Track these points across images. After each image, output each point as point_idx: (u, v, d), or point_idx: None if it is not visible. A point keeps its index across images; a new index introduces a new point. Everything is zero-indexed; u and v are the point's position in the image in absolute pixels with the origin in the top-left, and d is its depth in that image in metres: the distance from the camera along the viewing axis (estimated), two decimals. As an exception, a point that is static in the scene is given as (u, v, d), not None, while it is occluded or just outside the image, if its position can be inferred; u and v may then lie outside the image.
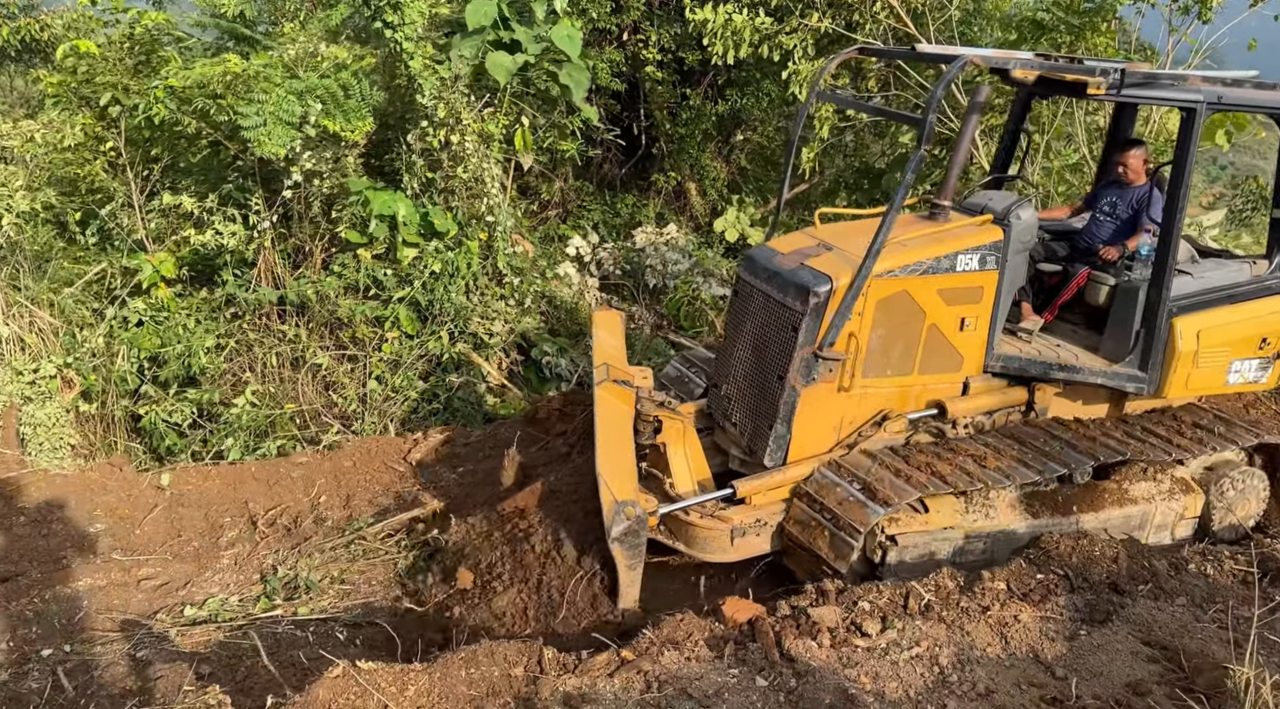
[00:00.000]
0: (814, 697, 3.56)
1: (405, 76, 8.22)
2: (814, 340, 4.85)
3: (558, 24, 8.97)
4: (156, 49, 8.59)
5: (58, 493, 5.49)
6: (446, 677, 3.46)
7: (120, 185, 8.81)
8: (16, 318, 7.19)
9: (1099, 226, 6.05)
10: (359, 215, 8.39)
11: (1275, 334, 5.69)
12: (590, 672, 3.62)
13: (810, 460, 5.06)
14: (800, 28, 9.79)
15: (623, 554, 4.39)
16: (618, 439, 4.81)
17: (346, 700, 3.28)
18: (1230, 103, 5.34)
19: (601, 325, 6.20)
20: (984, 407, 5.42)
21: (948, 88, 4.63)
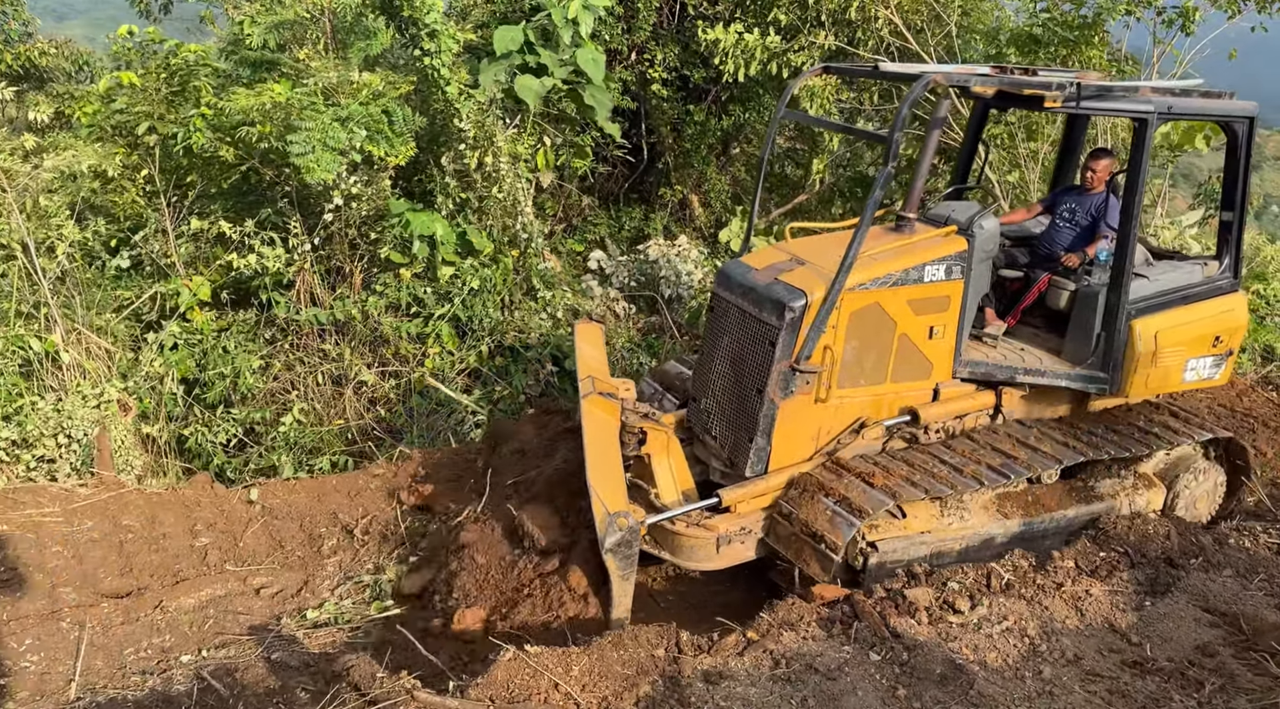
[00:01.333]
0: (925, 667, 3.93)
1: (442, 101, 8.51)
2: (791, 354, 4.94)
3: (581, 48, 9.32)
4: (191, 79, 8.81)
5: (157, 510, 5.71)
6: (603, 658, 3.78)
7: (153, 212, 9.02)
8: (75, 344, 7.37)
9: (1059, 232, 6.23)
10: (399, 236, 8.67)
11: (1227, 332, 5.95)
12: (722, 651, 3.96)
13: (791, 469, 5.16)
14: (808, 45, 10.22)
15: (616, 564, 4.43)
16: (606, 451, 4.87)
17: (521, 680, 3.60)
18: (1179, 112, 5.61)
19: (584, 338, 6.25)
20: (954, 411, 5.57)
21: (913, 106, 4.76)
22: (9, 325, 7.16)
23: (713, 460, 5.49)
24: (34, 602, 4.91)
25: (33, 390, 6.92)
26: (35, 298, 7.41)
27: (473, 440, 7.83)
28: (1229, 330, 5.95)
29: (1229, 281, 6.06)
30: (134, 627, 4.86)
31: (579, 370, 5.67)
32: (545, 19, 9.23)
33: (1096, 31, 9.67)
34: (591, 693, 3.65)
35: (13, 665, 4.51)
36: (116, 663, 4.65)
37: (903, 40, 10.34)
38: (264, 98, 7.99)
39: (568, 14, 9.06)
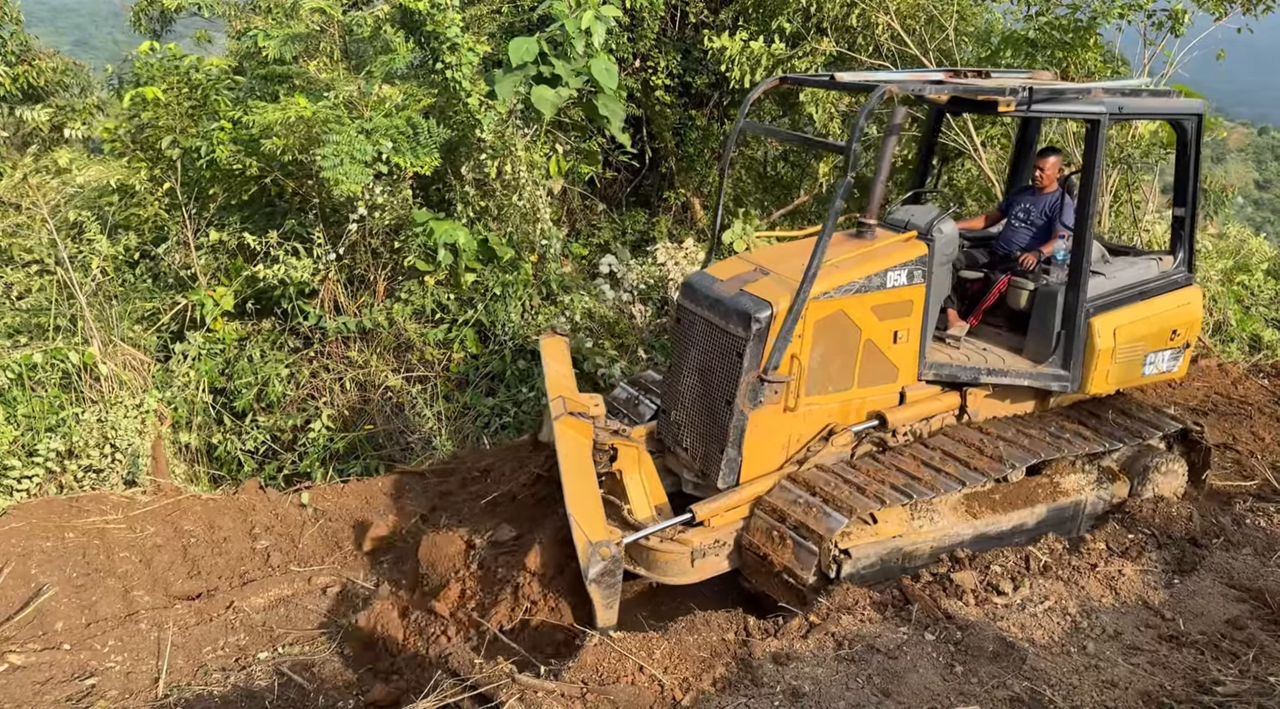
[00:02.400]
0: (978, 645, 4.18)
1: (463, 112, 8.70)
2: (759, 365, 4.96)
3: (594, 58, 9.53)
4: (211, 93, 8.96)
5: (215, 516, 5.88)
6: (680, 641, 4.01)
7: (174, 224, 9.17)
8: (112, 356, 7.51)
9: (1015, 232, 6.31)
10: (423, 244, 8.86)
11: (1184, 325, 6.07)
12: (787, 635, 4.20)
13: (763, 479, 5.19)
14: (811, 52, 10.49)
15: (600, 593, 4.41)
16: (582, 475, 4.84)
17: (608, 664, 3.82)
18: (1130, 112, 5.74)
19: (549, 353, 6.10)
20: (921, 414, 5.65)
21: (869, 117, 4.84)
22: (48, 339, 7.31)
23: (685, 472, 5.50)
24: (111, 605, 5.07)
25: (73, 402, 7.06)
26: (71, 311, 7.55)
27: (498, 442, 8.05)
28: (1186, 324, 6.07)
29: (1184, 276, 6.18)
30: (209, 626, 5.04)
31: (549, 389, 5.53)
32: (558, 30, 9.44)
33: (1091, 34, 9.99)
34: (673, 674, 3.88)
35: (99, 666, 4.68)
36: (196, 661, 4.83)
37: (902, 45, 10.63)
38: (289, 112, 8.16)
39: (581, 24, 9.28)
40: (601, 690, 3.71)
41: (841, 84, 5.47)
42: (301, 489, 6.45)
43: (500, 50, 9.71)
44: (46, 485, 6.25)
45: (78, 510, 5.70)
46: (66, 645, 4.81)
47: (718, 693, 3.81)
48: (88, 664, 4.68)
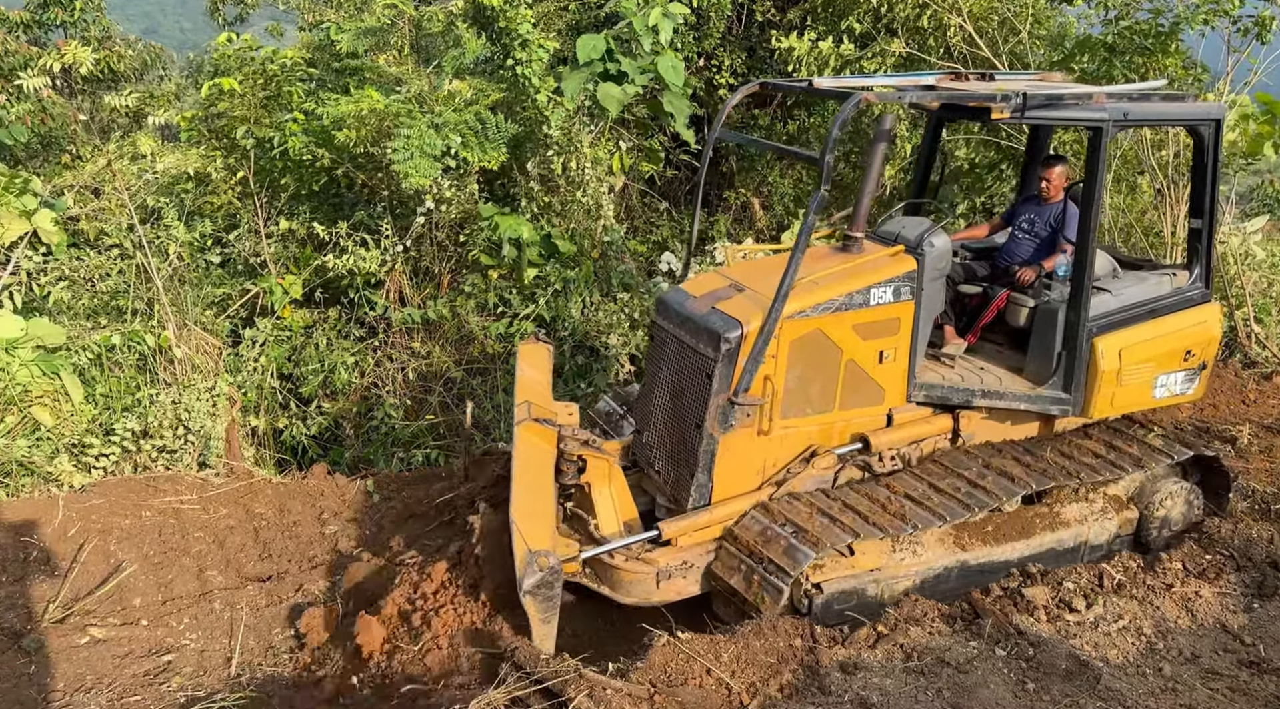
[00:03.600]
0: (1051, 662, 4.12)
1: (531, 108, 8.76)
2: (729, 387, 4.73)
3: (661, 55, 9.54)
4: (285, 84, 9.13)
5: (285, 499, 6.01)
6: (748, 646, 4.01)
7: (246, 212, 9.36)
8: (186, 339, 7.69)
9: (1017, 244, 5.98)
10: (487, 238, 8.94)
11: (1199, 345, 5.66)
12: (855, 644, 4.18)
13: (737, 500, 4.97)
14: (881, 53, 10.38)
15: (535, 606, 4.13)
16: (535, 483, 4.62)
17: (676, 665, 3.84)
18: (1137, 118, 5.29)
19: (526, 359, 5.86)
20: (909, 437, 5.33)
21: (844, 126, 4.56)
22: (126, 322, 7.51)
23: (658, 495, 5.29)
24: (186, 584, 5.21)
25: (149, 384, 7.25)
26: (148, 295, 7.75)
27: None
28: (1201, 344, 5.67)
29: (1200, 292, 5.77)
30: (279, 608, 5.15)
31: (516, 395, 5.28)
32: (625, 27, 9.46)
33: (1173, 40, 9.76)
34: (740, 678, 3.88)
35: (175, 643, 4.81)
36: (266, 642, 4.95)
37: (974, 47, 10.47)
38: (361, 105, 8.28)
39: (648, 22, 9.29)
40: (669, 692, 3.72)
41: (819, 90, 5.19)
42: (367, 476, 6.55)
43: (568, 47, 9.76)
44: (123, 464, 6.43)
45: (154, 490, 5.85)
46: (144, 621, 4.95)
47: (785, 699, 3.80)
48: (164, 641, 4.81)
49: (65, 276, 7.36)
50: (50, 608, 5.02)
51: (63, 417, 6.46)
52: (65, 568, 5.26)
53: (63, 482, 6.05)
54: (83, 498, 5.68)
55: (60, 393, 6.52)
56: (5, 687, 4.52)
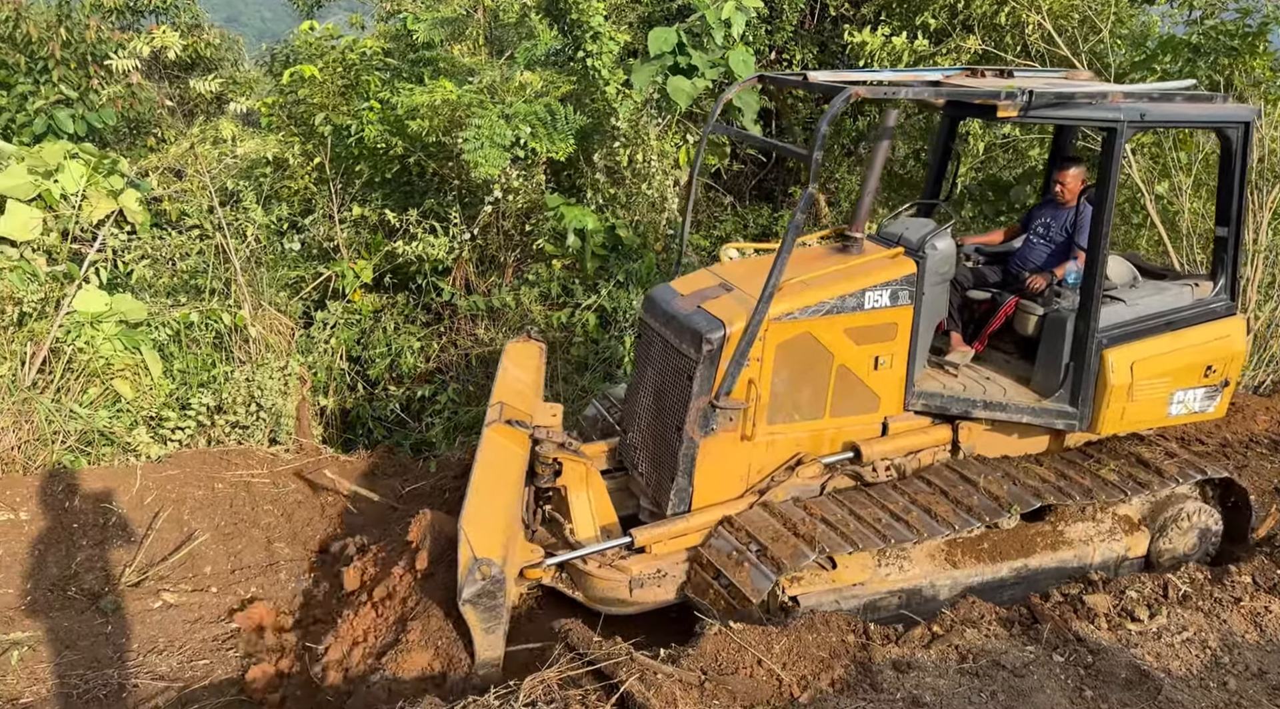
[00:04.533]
0: (1110, 671, 4.05)
1: (601, 100, 8.82)
2: (710, 389, 4.61)
3: (732, 49, 9.52)
4: (363, 73, 9.33)
5: (350, 477, 6.18)
6: (800, 639, 4.02)
7: (321, 197, 9.60)
8: (261, 319, 7.92)
9: (1032, 250, 5.78)
10: (553, 228, 9.04)
11: (1221, 360, 5.36)
12: (909, 643, 4.15)
13: (717, 507, 4.86)
14: (956, 49, 10.23)
15: (476, 616, 3.92)
16: (494, 487, 4.37)
17: (727, 654, 3.87)
18: (1155, 119, 5.02)
19: (512, 358, 5.69)
20: (904, 448, 5.18)
21: (833, 122, 4.27)
22: (204, 300, 7.77)
23: (642, 497, 5.19)
24: (254, 554, 5.40)
25: (224, 361, 7.49)
26: (226, 275, 8.00)
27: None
28: (1223, 359, 5.37)
29: (1224, 305, 5.50)
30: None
31: (492, 395, 5.11)
32: (697, 20, 9.46)
33: (1261, 41, 9.44)
34: (792, 671, 3.89)
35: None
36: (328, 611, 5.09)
37: (1052, 46, 10.25)
38: (435, 95, 8.43)
39: (721, 15, 9.28)
40: (720, 679, 3.75)
41: (814, 84, 4.99)
42: (429, 458, 6.69)
43: (639, 40, 9.80)
44: (198, 437, 6.66)
45: (227, 463, 6.06)
46: (214, 589, 5.14)
47: (836, 694, 3.80)
48: (232, 608, 4.99)
49: (148, 255, 7.63)
50: (127, 572, 5.24)
51: (142, 390, 6.72)
52: (141, 534, 5.48)
53: (140, 452, 6.30)
54: (159, 468, 5.91)
55: (140, 367, 6.78)
56: (84, 645, 4.73)
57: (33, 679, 4.48)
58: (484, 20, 10.46)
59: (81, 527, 5.45)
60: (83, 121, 9.29)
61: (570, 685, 3.75)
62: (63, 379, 6.48)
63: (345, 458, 6.54)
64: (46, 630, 4.80)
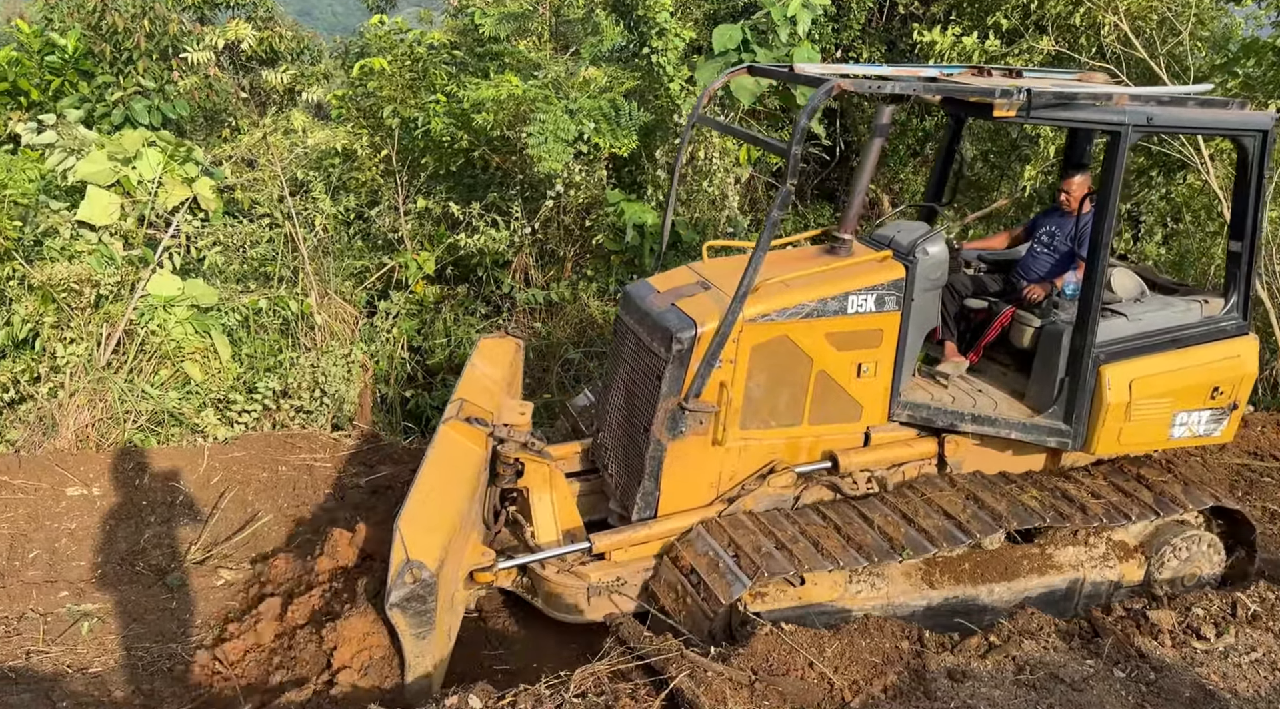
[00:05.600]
0: (1173, 689, 3.94)
1: (664, 97, 8.83)
2: (679, 391, 4.42)
3: (797, 47, 9.45)
4: (430, 67, 9.45)
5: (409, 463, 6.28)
6: (853, 644, 3.98)
7: (387, 189, 9.75)
8: (326, 307, 8.09)
9: (1034, 259, 5.56)
10: (612, 224, 9.07)
11: (1229, 382, 5.06)
12: (964, 652, 4.09)
13: (682, 515, 4.68)
14: (1029, 49, 10.02)
15: (404, 621, 3.72)
16: (440, 486, 4.15)
17: (779, 656, 3.85)
18: (1165, 124, 4.78)
19: (483, 354, 5.46)
20: (885, 460, 4.95)
21: (812, 115, 4.02)
22: (272, 287, 7.95)
23: (611, 501, 5.02)
24: (317, 535, 5.52)
25: (290, 347, 7.66)
26: (294, 263, 8.18)
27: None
28: (1232, 380, 5.07)
29: (1235, 323, 5.19)
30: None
31: (455, 391, 4.91)
32: (763, 18, 9.41)
33: (1351, 43, 9.10)
34: (843, 675, 3.85)
35: (302, 592, 5.10)
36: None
37: (1128, 48, 9.98)
38: (501, 89, 8.51)
39: (787, 12, 9.21)
40: (770, 680, 3.73)
41: (799, 77, 4.80)
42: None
43: (704, 36, 9.78)
44: (263, 421, 6.83)
45: (290, 446, 6.20)
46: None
47: (888, 700, 3.76)
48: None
49: (220, 242, 7.83)
50: (192, 549, 5.40)
51: (211, 373, 6.90)
52: (206, 514, 5.64)
53: (208, 433, 6.48)
54: (225, 450, 6.07)
55: (210, 351, 6.97)
56: (150, 619, 4.89)
57: (101, 650, 4.65)
58: (550, 15, 10.53)
59: (150, 504, 5.63)
60: (158, 112, 9.57)
61: (620, 679, 3.77)
62: (135, 360, 6.69)
63: (405, 444, 6.64)
64: (115, 603, 4.97)
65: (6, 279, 6.76)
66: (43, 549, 5.24)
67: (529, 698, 3.50)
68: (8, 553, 5.18)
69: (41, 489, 5.56)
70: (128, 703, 4.30)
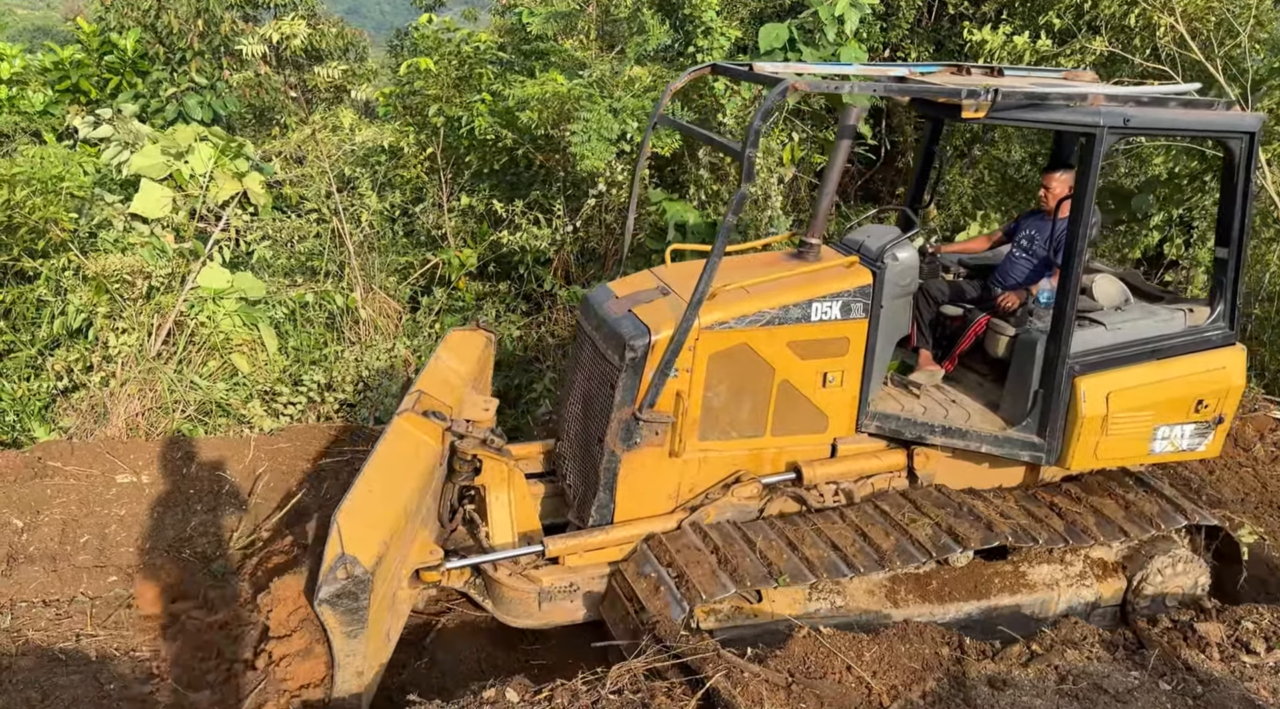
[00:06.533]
0: (1221, 704, 3.85)
1: (709, 96, 8.81)
2: (633, 400, 4.28)
3: (845, 46, 9.38)
4: (476, 66, 9.53)
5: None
6: (891, 649, 3.95)
7: (432, 186, 9.85)
8: (371, 302, 8.18)
9: (1013, 264, 5.33)
10: (654, 223, 9.08)
11: (1214, 394, 4.84)
12: (1006, 659, 4.03)
13: (641, 522, 4.55)
14: (1081, 50, 9.86)
15: (334, 618, 3.51)
16: (386, 480, 3.98)
17: (816, 659, 3.83)
18: (1143, 125, 4.57)
19: (451, 347, 5.24)
20: (852, 472, 4.79)
21: (766, 115, 3.86)
22: (319, 282, 8.07)
23: (569, 510, 4.87)
24: (356, 529, 5.59)
25: (335, 341, 7.77)
26: (340, 258, 8.29)
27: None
28: (1217, 393, 4.85)
29: (1221, 333, 4.96)
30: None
31: (416, 383, 4.72)
32: (810, 16, 9.35)
33: None
34: (882, 679, 3.82)
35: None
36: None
37: (1184, 49, 9.78)
38: (545, 88, 8.55)
39: (834, 11, 9.15)
40: (808, 683, 3.71)
41: (757, 77, 4.56)
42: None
43: (749, 35, 9.75)
44: (308, 413, 6.93)
45: (334, 438, 6.29)
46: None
47: (927, 706, 3.72)
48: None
49: (269, 236, 7.96)
50: (236, 538, 5.49)
51: (258, 365, 7.02)
52: (251, 503, 5.73)
53: (254, 424, 6.59)
54: (271, 440, 6.17)
55: (257, 343, 7.09)
56: (197, 603, 4.98)
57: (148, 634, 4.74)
58: (596, 14, 10.56)
59: (197, 492, 5.74)
60: (209, 108, 9.75)
61: (655, 677, 3.77)
62: (185, 351, 6.82)
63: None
64: (162, 589, 5.07)
65: (62, 270, 6.94)
66: (93, 534, 5.36)
67: (565, 693, 3.52)
68: (59, 537, 5.31)
69: (93, 476, 5.69)
70: (172, 686, 4.39)
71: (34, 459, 5.78)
